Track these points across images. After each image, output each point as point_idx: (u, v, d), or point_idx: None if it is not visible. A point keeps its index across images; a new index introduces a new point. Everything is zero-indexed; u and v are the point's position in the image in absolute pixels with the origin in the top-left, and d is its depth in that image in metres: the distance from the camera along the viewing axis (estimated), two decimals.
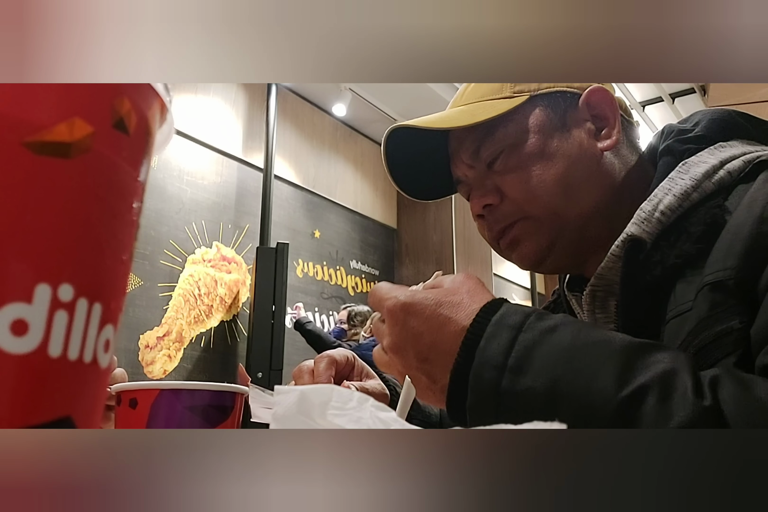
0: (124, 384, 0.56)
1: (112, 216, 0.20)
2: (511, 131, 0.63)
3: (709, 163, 0.57)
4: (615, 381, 0.38)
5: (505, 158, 0.63)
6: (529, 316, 0.44)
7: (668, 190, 0.57)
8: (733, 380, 0.38)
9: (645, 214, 0.57)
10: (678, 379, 0.38)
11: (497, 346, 0.42)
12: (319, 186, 4.71)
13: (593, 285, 0.62)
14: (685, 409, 0.36)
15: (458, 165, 0.68)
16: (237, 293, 3.91)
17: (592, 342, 0.41)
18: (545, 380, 0.40)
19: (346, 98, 4.48)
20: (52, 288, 0.17)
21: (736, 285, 0.46)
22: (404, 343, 0.47)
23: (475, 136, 0.64)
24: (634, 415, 0.37)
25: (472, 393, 0.42)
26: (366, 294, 4.97)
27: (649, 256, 0.56)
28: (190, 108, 3.77)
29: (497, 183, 0.64)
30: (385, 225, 5.36)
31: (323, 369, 0.67)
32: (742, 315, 0.45)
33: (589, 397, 0.38)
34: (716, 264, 0.49)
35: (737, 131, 0.61)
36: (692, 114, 0.67)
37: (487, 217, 0.65)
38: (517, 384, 0.40)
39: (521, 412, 0.40)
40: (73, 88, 0.18)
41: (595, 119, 0.64)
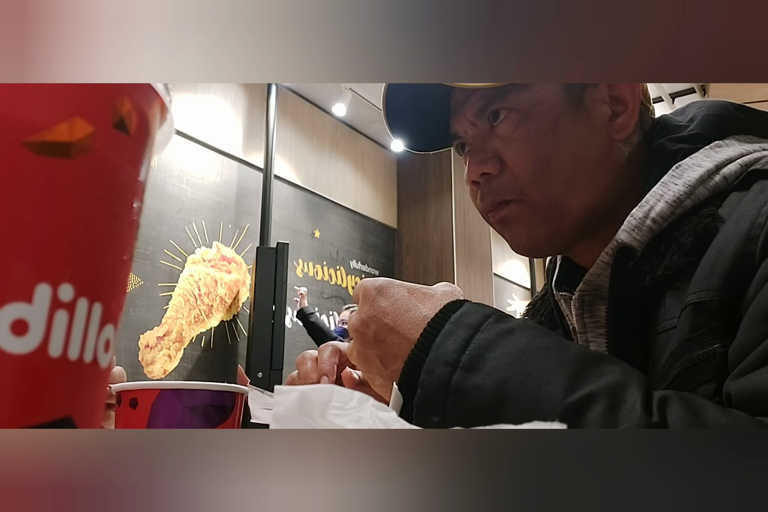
0: (124, 384, 0.56)
1: (113, 216, 0.20)
2: (525, 98, 0.58)
3: (704, 166, 0.54)
4: (564, 386, 0.38)
5: (513, 122, 0.58)
6: (488, 317, 0.44)
7: (660, 196, 0.54)
8: (683, 404, 0.37)
9: (636, 221, 0.54)
10: (628, 392, 0.38)
11: (452, 343, 0.42)
12: (319, 186, 4.71)
13: (581, 290, 0.60)
14: (631, 421, 0.36)
15: (459, 119, 0.63)
16: (237, 293, 3.92)
17: (547, 347, 0.41)
18: (495, 380, 0.40)
19: (346, 98, 4.48)
20: (53, 288, 0.17)
21: (719, 307, 0.45)
22: (368, 320, 0.48)
23: (485, 92, 0.59)
24: (578, 422, 0.37)
25: (421, 388, 0.42)
26: None
27: (638, 266, 0.54)
28: (190, 108, 3.77)
29: (499, 149, 0.59)
30: (386, 225, 5.36)
31: (327, 356, 0.67)
32: (724, 339, 0.44)
33: (537, 401, 0.38)
34: (700, 282, 0.47)
35: (734, 127, 0.59)
36: (688, 105, 0.64)
37: (483, 186, 0.61)
38: (466, 381, 0.41)
39: (467, 411, 0.40)
40: (74, 88, 0.18)
41: (613, 101, 0.60)
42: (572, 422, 0.37)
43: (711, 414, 0.37)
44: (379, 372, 0.48)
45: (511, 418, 0.38)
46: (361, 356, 0.49)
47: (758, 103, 3.01)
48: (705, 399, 0.39)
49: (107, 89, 0.19)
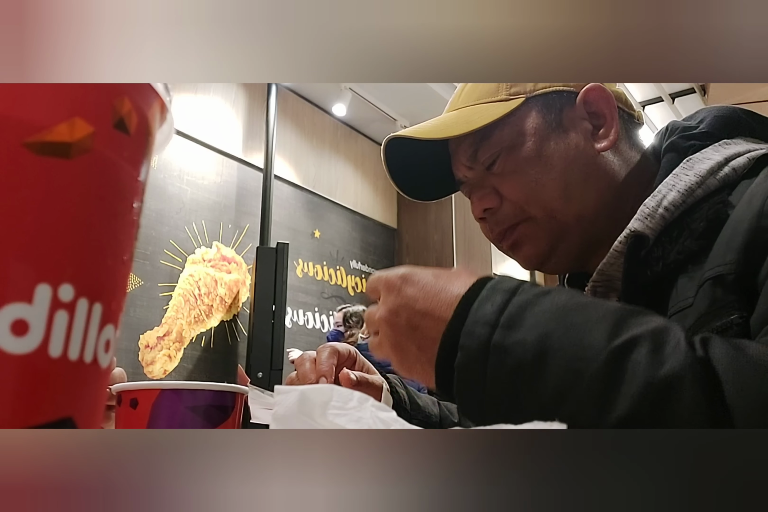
0: (124, 384, 0.56)
1: (113, 216, 0.20)
2: (507, 134, 0.63)
3: (713, 159, 0.56)
4: (608, 333, 0.38)
5: (503, 160, 0.63)
6: (523, 283, 0.44)
7: (672, 186, 0.57)
8: (724, 341, 0.38)
9: (648, 210, 0.56)
10: (671, 333, 0.38)
11: (491, 306, 0.42)
12: (319, 186, 4.71)
13: (594, 281, 0.62)
14: (677, 357, 0.36)
15: (458, 166, 0.68)
16: (237, 293, 3.91)
17: (585, 303, 0.41)
18: (536, 334, 0.40)
19: (346, 98, 4.48)
20: (53, 288, 0.17)
21: (736, 280, 0.46)
22: (398, 309, 0.47)
23: (473, 139, 0.64)
24: (624, 364, 0.37)
25: (461, 351, 0.42)
26: (366, 294, 4.95)
27: (650, 252, 0.56)
28: (190, 108, 3.77)
29: (496, 185, 0.64)
30: (386, 225, 5.36)
31: (325, 358, 0.67)
32: (742, 310, 0.45)
33: (581, 350, 0.38)
34: (716, 259, 0.49)
35: (741, 129, 0.61)
36: (697, 111, 0.67)
37: (489, 219, 0.66)
38: (507, 338, 0.40)
39: (510, 367, 0.40)
40: (74, 88, 0.18)
41: (592, 117, 0.64)
42: (619, 365, 0.37)
43: (753, 348, 0.37)
44: (417, 359, 0.47)
45: (555, 370, 0.38)
46: (395, 346, 0.48)
47: (758, 103, 3.00)
48: (747, 340, 0.39)
49: (107, 89, 0.19)
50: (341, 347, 0.71)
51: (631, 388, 0.35)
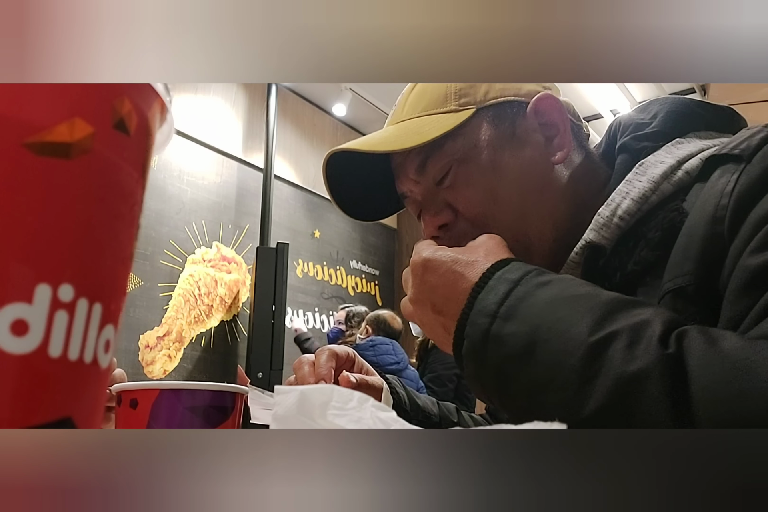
0: (124, 384, 0.56)
1: (113, 216, 0.20)
2: (459, 146, 0.60)
3: (666, 163, 0.55)
4: (590, 327, 0.40)
5: (455, 173, 0.61)
6: (529, 273, 0.46)
7: (626, 193, 0.55)
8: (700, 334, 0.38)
9: (603, 219, 0.56)
10: (649, 329, 0.39)
11: (493, 297, 0.45)
12: (319, 186, 4.70)
13: None
14: (647, 355, 0.37)
15: (403, 180, 0.65)
16: (237, 293, 3.91)
17: (578, 295, 0.43)
18: (528, 326, 0.42)
19: (346, 98, 4.48)
20: (53, 288, 0.17)
21: (696, 291, 0.46)
22: (422, 296, 0.51)
23: (421, 150, 0.61)
24: (600, 359, 0.38)
25: (467, 339, 0.46)
26: (366, 294, 4.98)
27: (608, 263, 0.55)
28: (190, 108, 3.77)
29: (449, 199, 0.62)
30: (386, 225, 5.35)
31: (324, 361, 0.67)
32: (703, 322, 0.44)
33: (564, 341, 0.40)
34: (674, 269, 0.48)
35: (695, 123, 0.59)
36: (650, 102, 0.65)
37: (443, 237, 0.62)
38: (503, 329, 0.43)
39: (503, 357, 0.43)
40: (74, 88, 0.18)
41: (543, 127, 0.62)
42: (594, 359, 0.38)
43: (730, 342, 0.37)
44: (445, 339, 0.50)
45: (541, 361, 0.41)
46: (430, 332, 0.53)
47: (758, 103, 3.00)
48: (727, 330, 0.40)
49: (107, 89, 0.19)
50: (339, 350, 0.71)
51: (605, 381, 0.37)
